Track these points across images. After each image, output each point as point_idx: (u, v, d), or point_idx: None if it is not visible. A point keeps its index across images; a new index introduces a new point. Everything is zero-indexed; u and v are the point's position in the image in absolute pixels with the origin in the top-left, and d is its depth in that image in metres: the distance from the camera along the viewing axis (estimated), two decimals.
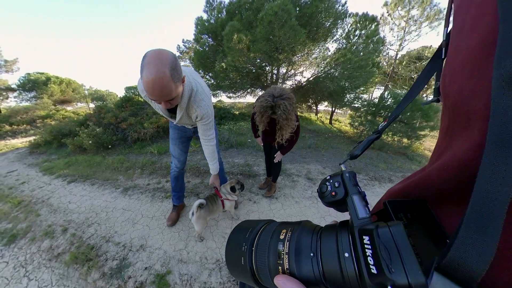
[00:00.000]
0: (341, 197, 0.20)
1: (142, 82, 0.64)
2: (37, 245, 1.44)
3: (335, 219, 0.25)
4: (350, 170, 0.22)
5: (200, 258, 1.21)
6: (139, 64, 0.63)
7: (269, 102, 1.05)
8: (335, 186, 0.21)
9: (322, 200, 0.23)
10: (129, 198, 1.90)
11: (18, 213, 1.86)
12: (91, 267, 1.21)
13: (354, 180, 0.21)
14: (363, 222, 0.17)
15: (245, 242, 0.23)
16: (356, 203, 0.19)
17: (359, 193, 0.20)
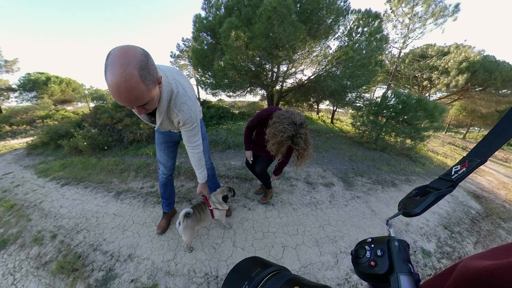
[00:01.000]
0: (383, 271, 0.17)
1: (108, 82, 0.53)
2: (26, 251, 1.39)
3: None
4: (401, 239, 0.18)
5: (188, 270, 1.14)
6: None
7: (291, 131, 0.93)
8: (377, 254, 0.18)
9: (355, 268, 0.19)
10: (121, 203, 1.83)
11: (10, 217, 1.81)
12: (77, 278, 1.16)
13: (405, 253, 0.17)
14: None
15: (248, 281, 0.21)
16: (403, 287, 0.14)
17: (411, 274, 0.16)
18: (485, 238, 1.73)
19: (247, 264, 0.24)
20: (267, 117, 1.09)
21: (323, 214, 1.65)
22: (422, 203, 0.22)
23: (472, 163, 0.22)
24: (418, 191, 0.25)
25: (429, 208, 0.22)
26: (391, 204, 1.98)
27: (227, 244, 1.32)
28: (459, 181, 0.22)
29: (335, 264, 1.20)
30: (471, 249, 1.54)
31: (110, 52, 0.53)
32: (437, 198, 0.22)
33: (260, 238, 1.37)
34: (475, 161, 0.22)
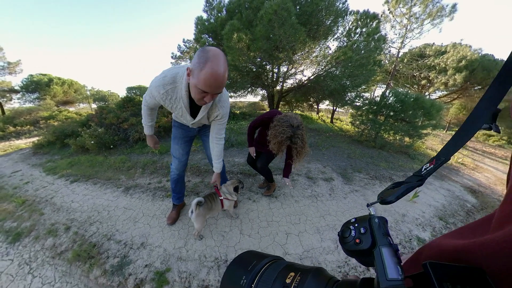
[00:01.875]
0: (366, 247, 0.18)
1: (204, 74, 0.64)
2: (41, 243, 1.47)
3: (356, 275, 0.22)
4: (380, 216, 0.19)
5: (199, 256, 1.23)
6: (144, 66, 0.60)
7: (289, 133, 1.09)
8: (361, 232, 0.19)
9: (343, 246, 0.20)
10: (130, 197, 1.92)
11: (23, 212, 1.89)
12: (93, 265, 1.23)
13: (385, 228, 0.18)
14: (393, 285, 0.14)
15: (245, 275, 0.21)
16: (385, 258, 0.16)
17: (390, 245, 0.17)
18: None
19: (243, 259, 0.24)
20: (269, 119, 1.23)
21: (323, 206, 1.74)
22: (395, 193, 0.25)
23: (438, 161, 0.26)
24: (394, 185, 0.28)
25: (401, 197, 0.25)
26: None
27: (235, 232, 1.40)
28: (427, 176, 0.26)
29: (335, 249, 1.29)
30: None
31: (207, 48, 0.67)
32: (407, 190, 0.25)
33: (265, 227, 1.46)
34: (441, 159, 0.26)
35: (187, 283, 1.08)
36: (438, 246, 0.25)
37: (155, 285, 1.07)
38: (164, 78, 0.81)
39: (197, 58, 0.66)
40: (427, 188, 2.46)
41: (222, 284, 0.23)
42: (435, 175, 2.98)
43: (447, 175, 3.17)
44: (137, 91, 7.75)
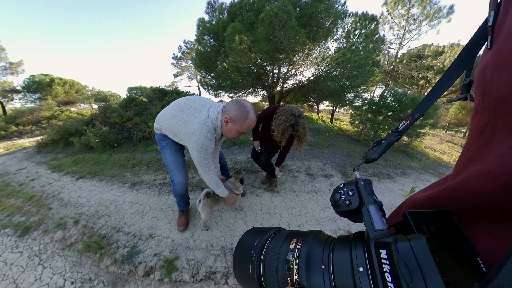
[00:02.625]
0: (355, 206, 0.19)
1: (248, 123, 0.93)
2: (50, 236, 1.51)
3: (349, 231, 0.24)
4: (365, 178, 0.21)
5: (206, 245, 1.29)
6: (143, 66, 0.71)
7: (292, 120, 1.17)
8: (349, 194, 0.20)
9: (335, 209, 0.22)
10: (136, 192, 1.98)
11: (30, 207, 1.93)
12: (103, 254, 1.28)
13: (370, 188, 0.20)
14: (380, 234, 0.16)
15: (253, 249, 0.23)
16: (372, 213, 0.18)
17: (375, 202, 0.19)
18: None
19: (248, 236, 0.26)
20: (272, 112, 1.32)
21: (323, 200, 1.81)
22: (377, 151, 0.27)
23: (413, 117, 0.28)
24: (375, 143, 0.30)
25: (383, 153, 0.27)
26: (386, 193, 2.13)
27: (239, 223, 1.47)
28: (404, 131, 0.28)
29: None
30: None
31: (243, 103, 0.93)
32: (388, 145, 0.28)
33: (268, 218, 1.53)
34: (415, 115, 0.28)
35: (195, 270, 1.14)
36: (412, 199, 0.29)
37: (164, 272, 1.13)
38: (208, 133, 0.96)
39: (239, 111, 0.92)
40: (423, 184, 2.52)
41: (234, 262, 0.25)
42: (433, 173, 3.04)
43: (444, 173, 3.24)
44: (137, 91, 7.82)
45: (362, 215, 0.19)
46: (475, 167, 0.18)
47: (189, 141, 0.97)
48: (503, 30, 0.18)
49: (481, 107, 0.20)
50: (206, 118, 0.95)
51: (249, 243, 0.24)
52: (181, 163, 1.19)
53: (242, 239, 0.26)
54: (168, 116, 1.06)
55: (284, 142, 1.23)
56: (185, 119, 0.98)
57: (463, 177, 0.19)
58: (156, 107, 4.04)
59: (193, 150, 0.98)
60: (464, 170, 0.20)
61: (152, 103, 4.28)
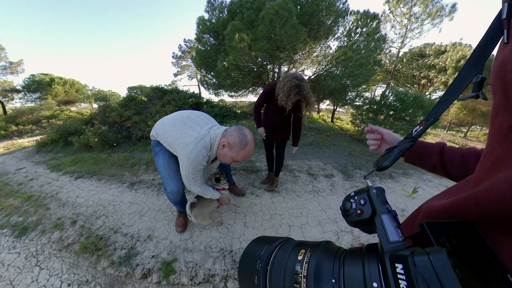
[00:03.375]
0: (367, 216, 0.19)
1: (244, 153, 0.93)
2: (47, 236, 1.49)
3: (361, 242, 0.24)
4: (377, 186, 0.20)
5: (204, 247, 1.26)
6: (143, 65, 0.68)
7: (295, 82, 1.15)
8: (361, 203, 0.20)
9: (346, 219, 0.21)
10: (135, 192, 1.95)
11: (28, 207, 1.92)
12: (100, 256, 1.26)
13: (382, 197, 0.19)
14: (395, 246, 0.15)
15: (260, 259, 0.22)
16: (386, 223, 0.17)
17: (389, 212, 0.18)
18: None
19: (254, 246, 0.25)
20: (272, 89, 1.34)
21: (324, 200, 1.78)
22: (389, 158, 0.26)
23: (428, 122, 0.28)
24: (387, 150, 0.29)
25: (395, 160, 0.25)
26: (388, 194, 2.10)
27: (239, 224, 1.44)
28: (418, 137, 0.27)
29: (337, 240, 1.32)
30: None
31: (244, 132, 0.92)
32: (400, 152, 0.26)
33: (268, 219, 1.50)
34: (430, 120, 0.27)
35: (194, 272, 1.11)
36: (429, 207, 0.26)
37: (162, 274, 1.11)
38: (202, 149, 0.95)
39: (238, 139, 0.91)
40: (426, 185, 2.49)
41: (239, 272, 0.24)
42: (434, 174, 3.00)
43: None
44: (137, 90, 7.80)
45: (375, 225, 0.18)
46: (502, 173, 0.16)
47: (181, 152, 0.95)
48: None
49: (503, 107, 0.18)
50: (205, 134, 0.95)
51: (255, 253, 0.23)
52: (174, 170, 1.12)
53: (248, 248, 0.26)
54: (166, 124, 1.04)
55: (290, 104, 1.19)
56: (184, 130, 0.97)
57: (488, 184, 0.17)
58: (156, 106, 4.01)
59: (183, 162, 0.95)
60: (488, 176, 0.19)
61: (152, 102, 4.26)
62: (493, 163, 0.19)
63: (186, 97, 4.20)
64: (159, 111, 3.79)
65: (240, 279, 0.24)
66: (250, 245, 0.26)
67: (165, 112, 3.73)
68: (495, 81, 0.19)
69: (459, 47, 7.72)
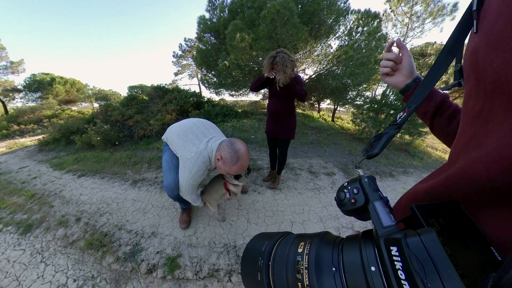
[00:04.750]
0: (361, 204, 0.19)
1: (236, 168, 0.92)
2: (52, 233, 1.51)
3: (357, 230, 0.24)
4: (368, 175, 0.21)
5: (208, 242, 1.28)
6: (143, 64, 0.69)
7: (274, 54, 1.36)
8: (354, 192, 0.20)
9: (341, 209, 0.22)
10: (138, 190, 1.97)
11: (32, 205, 1.93)
12: (106, 252, 1.27)
13: (374, 185, 0.20)
14: (389, 231, 0.16)
15: (261, 256, 0.22)
16: (379, 210, 0.17)
17: (381, 198, 0.18)
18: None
19: (255, 243, 0.25)
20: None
21: (325, 197, 1.80)
22: (378, 145, 0.26)
23: (410, 108, 0.28)
24: (375, 138, 0.29)
25: (384, 148, 0.26)
26: (388, 192, 2.11)
27: (242, 221, 1.46)
28: (402, 123, 0.28)
29: (338, 235, 1.34)
30: None
31: (236, 147, 0.92)
32: (388, 139, 0.27)
33: (271, 216, 1.52)
34: (412, 107, 0.28)
35: (198, 267, 1.13)
36: (413, 191, 0.28)
37: (167, 270, 1.12)
38: (202, 165, 1.00)
39: (229, 154, 0.91)
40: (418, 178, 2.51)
41: (242, 270, 0.24)
42: (430, 170, 3.02)
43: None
44: (138, 89, 7.80)
45: (369, 212, 0.18)
46: (475, 152, 0.17)
47: (183, 165, 1.02)
48: (490, 13, 0.17)
49: (475, 91, 0.19)
50: (203, 149, 0.99)
51: (256, 250, 0.24)
52: (175, 165, 1.12)
53: (249, 246, 0.26)
54: (174, 133, 1.12)
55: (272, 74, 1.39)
56: (185, 144, 1.04)
57: (463, 164, 0.19)
58: (157, 105, 4.03)
59: (184, 174, 1.02)
60: (462, 156, 0.20)
61: (153, 101, 4.28)
62: (466, 143, 0.20)
63: (187, 96, 4.21)
64: (161, 110, 3.81)
65: (243, 277, 0.24)
66: (251, 243, 0.26)
67: (167, 111, 3.74)
68: (468, 67, 0.20)
69: None
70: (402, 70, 0.41)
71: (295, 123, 1.60)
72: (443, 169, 0.27)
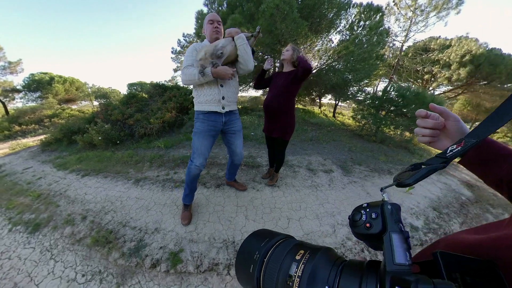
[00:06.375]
0: (376, 231, 0.18)
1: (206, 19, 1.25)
2: (60, 232, 1.56)
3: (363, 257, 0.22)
4: (394, 202, 0.19)
5: (208, 238, 1.34)
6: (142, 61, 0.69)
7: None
8: (372, 217, 0.19)
9: (353, 230, 0.21)
10: (141, 188, 2.02)
11: (39, 204, 1.98)
12: (111, 248, 1.33)
13: (397, 215, 0.18)
14: (400, 269, 0.14)
15: (258, 250, 0.23)
16: (394, 243, 0.16)
17: (401, 232, 0.17)
18: (472, 220, 1.86)
19: (257, 236, 0.26)
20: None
21: (322, 195, 1.85)
22: (415, 175, 0.22)
23: (467, 143, 0.23)
24: (413, 166, 0.25)
25: (421, 180, 0.22)
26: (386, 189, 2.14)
27: (240, 217, 1.51)
28: (452, 158, 0.23)
29: (333, 232, 1.40)
30: (456, 228, 1.70)
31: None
32: (429, 171, 0.23)
33: (268, 213, 1.57)
34: (471, 141, 0.23)
35: (199, 261, 1.19)
36: (453, 239, 0.25)
37: (170, 264, 1.18)
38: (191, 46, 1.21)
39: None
40: (424, 181, 2.53)
41: (237, 258, 0.25)
42: None
43: (445, 170, 3.24)
44: (138, 87, 7.74)
45: (383, 243, 0.17)
46: None
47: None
48: None
49: None
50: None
51: (256, 244, 0.24)
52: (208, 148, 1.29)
53: (249, 238, 0.26)
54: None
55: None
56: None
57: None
58: (157, 103, 4.03)
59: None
60: None
61: (153, 99, 4.27)
62: None
63: (187, 94, 4.20)
64: (161, 108, 3.82)
65: (237, 264, 0.24)
66: (252, 236, 0.26)
67: (166, 108, 3.75)
68: None
69: (464, 41, 7.46)
70: (449, 135, 0.32)
71: (291, 123, 1.51)
72: (501, 225, 0.23)
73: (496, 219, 1.91)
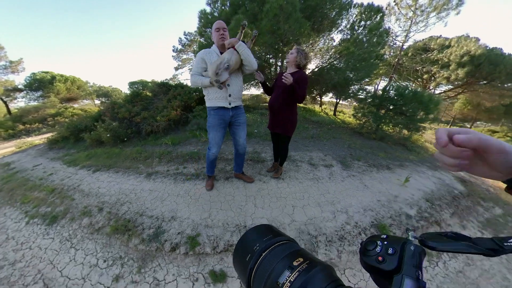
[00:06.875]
0: (388, 269, 0.16)
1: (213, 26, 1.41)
2: (78, 223, 1.65)
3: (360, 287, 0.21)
4: (419, 245, 0.17)
5: (222, 223, 1.46)
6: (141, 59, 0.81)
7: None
8: (388, 251, 0.17)
9: (361, 257, 0.19)
10: (153, 181, 2.13)
11: (54, 198, 2.07)
12: (131, 235, 1.42)
13: (418, 259, 0.16)
14: None
15: (259, 244, 0.23)
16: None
17: (417, 280, 0.14)
18: (462, 211, 1.98)
19: (261, 230, 0.26)
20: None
21: (323, 186, 1.99)
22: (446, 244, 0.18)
23: None
24: (454, 235, 0.20)
25: (449, 251, 0.18)
26: (384, 182, 2.27)
27: (250, 205, 1.65)
28: (508, 252, 0.17)
29: (333, 218, 1.55)
30: (447, 217, 1.81)
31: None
32: (466, 249, 0.17)
33: (275, 201, 1.70)
34: None
35: (215, 243, 1.31)
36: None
37: (189, 247, 1.30)
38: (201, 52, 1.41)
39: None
40: (419, 176, 2.65)
41: (238, 243, 0.25)
42: (429, 166, 3.14)
43: (440, 166, 3.35)
44: (139, 85, 7.78)
45: (391, 283, 0.15)
46: None
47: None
48: None
49: None
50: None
51: (259, 237, 0.24)
52: (221, 138, 1.58)
53: (255, 229, 0.26)
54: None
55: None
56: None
57: None
58: (162, 101, 4.12)
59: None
60: None
61: (158, 98, 4.36)
62: None
63: (191, 92, 4.29)
64: (166, 106, 3.91)
65: (236, 249, 0.25)
66: (258, 227, 0.26)
67: (172, 107, 3.84)
68: None
69: (464, 41, 7.51)
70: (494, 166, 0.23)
71: (292, 120, 1.61)
72: None
73: (487, 211, 2.03)
